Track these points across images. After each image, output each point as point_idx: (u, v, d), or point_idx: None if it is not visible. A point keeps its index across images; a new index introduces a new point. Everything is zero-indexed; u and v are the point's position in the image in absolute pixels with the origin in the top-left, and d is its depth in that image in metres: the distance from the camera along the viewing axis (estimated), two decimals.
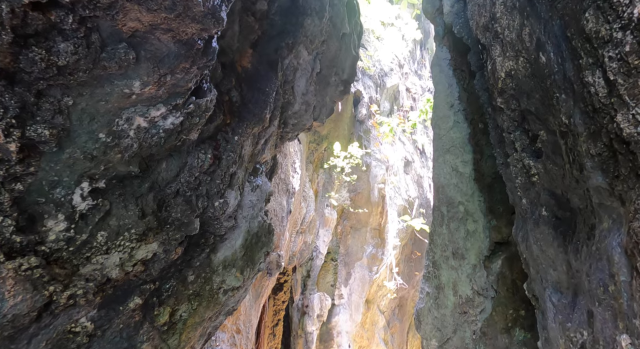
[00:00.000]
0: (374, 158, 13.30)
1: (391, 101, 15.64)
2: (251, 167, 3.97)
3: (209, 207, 3.36)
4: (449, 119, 2.78)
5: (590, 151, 1.14)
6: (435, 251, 2.79)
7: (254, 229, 3.91)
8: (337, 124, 12.58)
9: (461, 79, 2.74)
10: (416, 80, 17.96)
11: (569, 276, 1.46)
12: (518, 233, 1.88)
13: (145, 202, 2.92)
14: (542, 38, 1.27)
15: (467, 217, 2.59)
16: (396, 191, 14.24)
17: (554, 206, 1.54)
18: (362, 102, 13.47)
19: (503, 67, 1.59)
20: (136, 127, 2.59)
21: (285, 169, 8.98)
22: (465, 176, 2.67)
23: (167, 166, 2.98)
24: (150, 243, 2.99)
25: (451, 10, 2.54)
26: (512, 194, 1.93)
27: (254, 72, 3.76)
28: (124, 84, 2.35)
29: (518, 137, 1.69)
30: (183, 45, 2.49)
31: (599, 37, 1.03)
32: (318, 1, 4.40)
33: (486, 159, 2.61)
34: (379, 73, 14.59)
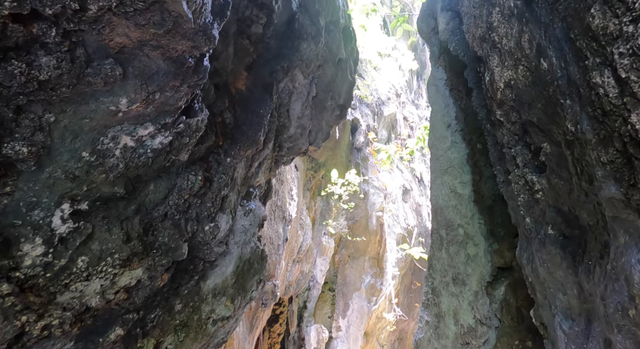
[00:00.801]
0: (371, 186, 13.22)
1: (389, 129, 15.73)
2: (244, 191, 3.86)
3: (198, 231, 3.23)
4: (446, 140, 2.70)
5: (601, 159, 1.04)
6: (434, 276, 2.64)
7: (246, 255, 3.76)
8: (335, 152, 12.57)
9: (458, 99, 2.69)
10: (413, 110, 18.15)
11: (581, 301, 1.33)
12: (522, 255, 1.76)
13: (131, 226, 2.79)
14: (542, 43, 1.21)
15: (467, 241, 2.46)
16: (395, 219, 14.09)
17: (561, 223, 1.42)
18: (359, 130, 13.52)
19: (502, 77, 1.52)
20: (122, 147, 2.50)
21: (281, 195, 8.87)
22: (464, 198, 2.56)
23: (155, 187, 2.87)
24: (135, 269, 2.84)
25: (446, 28, 2.51)
26: (515, 213, 1.82)
27: (249, 94, 3.71)
28: (110, 101, 2.28)
29: (519, 152, 1.60)
30: (173, 62, 2.43)
31: (607, 34, 0.95)
32: (314, 26, 4.41)
33: (485, 180, 2.52)
34: (377, 102, 14.73)
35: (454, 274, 2.47)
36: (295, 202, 9.85)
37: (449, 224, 2.59)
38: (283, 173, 8.88)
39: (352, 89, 5.39)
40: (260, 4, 3.72)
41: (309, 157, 12.27)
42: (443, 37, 2.56)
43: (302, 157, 11.77)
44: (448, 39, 2.49)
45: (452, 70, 2.69)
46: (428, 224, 15.80)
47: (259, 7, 3.72)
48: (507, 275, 2.32)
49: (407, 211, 15.27)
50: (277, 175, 7.94)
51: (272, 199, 7.96)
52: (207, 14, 2.41)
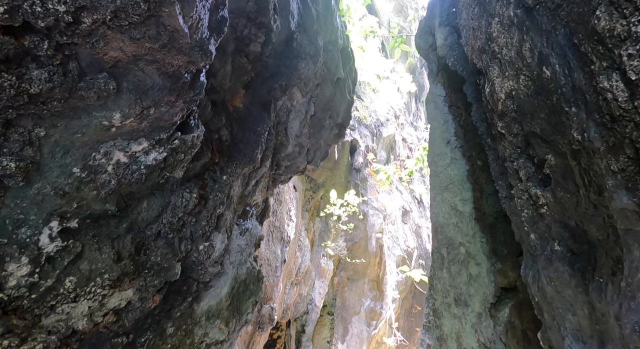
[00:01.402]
0: (371, 207, 13.14)
1: (387, 150, 15.77)
2: (240, 210, 3.79)
3: (192, 250, 3.14)
4: (446, 156, 2.65)
5: (611, 167, 0.98)
6: (435, 297, 2.54)
7: (242, 276, 3.65)
8: (334, 172, 12.55)
9: (457, 115, 2.65)
10: (412, 131, 18.25)
11: (593, 322, 1.25)
12: (527, 273, 1.67)
13: (122, 245, 2.71)
14: (544, 51, 1.17)
15: (468, 260, 2.38)
16: (394, 241, 13.96)
17: (568, 239, 1.35)
18: (358, 150, 13.53)
19: (502, 87, 1.48)
20: (115, 163, 2.44)
21: (280, 216, 8.78)
22: (465, 215, 2.49)
23: (148, 205, 2.80)
24: (125, 290, 2.74)
25: (444, 43, 2.49)
26: (519, 229, 1.75)
27: (246, 112, 3.69)
28: (103, 116, 2.23)
29: (522, 165, 1.54)
30: (169, 77, 2.40)
31: (614, 36, 0.91)
32: (312, 46, 4.43)
33: (487, 197, 2.45)
34: (375, 123, 14.82)
35: (456, 294, 2.38)
36: (293, 223, 9.76)
37: (449, 242, 2.51)
38: (281, 193, 8.83)
39: (350, 108, 5.38)
40: (258, 23, 3.73)
41: (308, 178, 12.24)
42: (441, 53, 2.54)
43: (301, 177, 11.74)
44: (446, 54, 2.47)
45: (450, 87, 2.67)
46: (428, 246, 15.63)
47: (258, 26, 3.73)
48: (512, 296, 2.23)
49: (406, 233, 15.16)
50: (275, 195, 7.88)
51: (270, 220, 7.87)
52: (203, 29, 2.39)
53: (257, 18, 3.70)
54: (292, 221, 9.74)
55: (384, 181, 11.37)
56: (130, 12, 1.95)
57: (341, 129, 5.21)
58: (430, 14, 2.87)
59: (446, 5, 2.49)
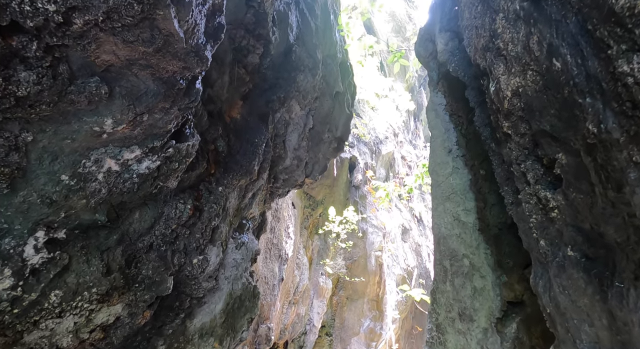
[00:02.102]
0: (370, 224, 13.03)
1: (387, 168, 15.74)
2: (237, 223, 3.69)
3: (186, 264, 3.03)
4: (448, 165, 2.58)
5: (633, 159, 0.91)
6: (438, 311, 2.43)
7: (237, 291, 3.52)
8: (333, 190, 12.47)
9: (458, 124, 2.59)
10: (411, 149, 18.28)
11: (613, 332, 1.15)
12: (538, 283, 1.57)
13: (112, 257, 2.60)
14: (554, 42, 1.11)
15: (473, 272, 2.28)
16: (394, 260, 13.80)
17: (583, 243, 1.27)
18: (357, 167, 13.50)
19: (509, 85, 1.41)
20: (106, 171, 2.36)
21: (278, 233, 8.65)
22: (468, 226, 2.40)
23: (140, 216, 2.71)
24: (114, 305, 2.62)
25: (445, 49, 2.45)
26: (527, 236, 1.66)
27: (243, 123, 3.63)
28: (94, 121, 2.16)
29: (530, 167, 1.46)
30: (163, 83, 2.35)
31: (634, 14, 0.85)
32: (311, 59, 4.41)
33: (490, 207, 2.37)
34: (375, 140, 14.84)
35: (460, 309, 2.26)
36: (292, 241, 9.62)
37: (452, 254, 2.41)
38: (280, 210, 8.73)
39: (349, 123, 5.34)
40: (257, 34, 3.71)
41: (306, 195, 12.16)
42: (442, 58, 2.50)
43: (300, 194, 11.65)
44: (447, 60, 2.43)
45: (451, 95, 2.62)
46: (429, 265, 15.47)
47: (256, 38, 3.71)
48: (519, 310, 2.12)
49: (406, 251, 15.01)
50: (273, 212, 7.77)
51: (268, 237, 7.76)
52: (199, 35, 2.35)
53: (255, 30, 3.67)
54: (291, 239, 9.61)
55: (383, 198, 11.27)
56: (124, 13, 1.90)
57: (340, 143, 5.16)
58: (430, 21, 2.84)
59: (447, 9, 2.46)
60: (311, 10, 4.57)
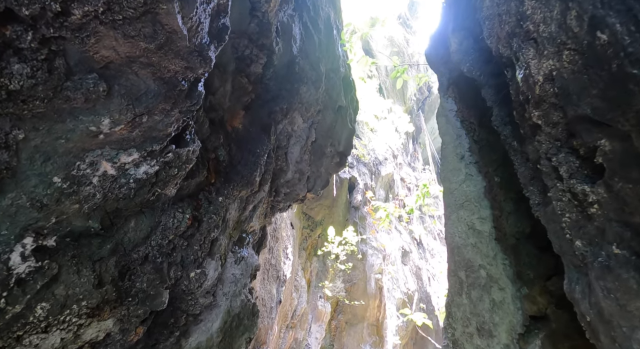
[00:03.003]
0: (370, 246, 12.83)
1: (386, 189, 15.66)
2: (236, 236, 3.53)
3: (182, 278, 2.87)
4: (460, 172, 2.47)
5: None
6: (455, 326, 2.26)
7: (236, 309, 3.34)
8: (332, 210, 12.32)
9: (470, 130, 2.50)
10: (410, 172, 18.26)
11: None
12: (574, 289, 1.43)
13: (105, 268, 2.44)
14: (598, 13, 1.02)
15: (491, 284, 2.13)
16: (394, 283, 13.55)
17: (632, 239, 1.14)
18: (357, 188, 13.39)
19: (540, 69, 1.32)
20: (101, 174, 2.23)
21: (276, 254, 8.45)
22: (484, 235, 2.27)
23: (136, 224, 2.57)
24: (105, 320, 2.45)
25: (459, 48, 2.37)
26: (558, 238, 1.53)
27: (245, 133, 3.53)
28: (90, 121, 2.05)
29: (563, 160, 1.35)
30: (164, 83, 2.25)
31: None
32: (314, 71, 4.36)
33: (507, 216, 2.24)
34: (374, 161, 14.81)
35: (478, 323, 2.10)
36: (290, 262, 9.41)
37: (468, 264, 2.26)
38: (278, 230, 8.56)
39: (352, 138, 5.26)
40: (260, 44, 3.66)
41: (305, 215, 12.01)
42: (456, 58, 2.42)
43: (298, 214, 11.48)
44: (461, 60, 2.35)
45: (462, 101, 2.53)
46: (429, 290, 15.22)
47: (260, 48, 3.66)
48: (542, 326, 1.96)
49: (406, 275, 14.77)
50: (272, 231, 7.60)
51: (266, 257, 7.56)
52: (203, 34, 2.27)
53: (259, 39, 3.62)
54: (289, 259, 9.40)
55: (383, 219, 11.12)
56: (125, 5, 1.82)
57: (342, 158, 5.06)
58: (442, 24, 2.78)
59: (462, 6, 2.39)
60: (314, 24, 4.55)
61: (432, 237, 17.60)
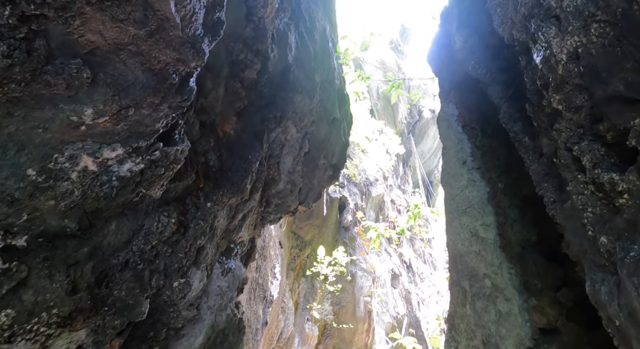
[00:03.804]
0: (359, 268, 12.62)
1: (376, 211, 15.57)
2: (224, 246, 3.36)
3: (165, 287, 2.67)
4: (462, 177, 2.36)
5: None
6: (458, 339, 2.09)
7: (221, 324, 3.13)
8: (322, 230, 12.13)
9: (472, 135, 2.41)
10: (400, 194, 18.23)
11: None
12: (599, 290, 1.30)
13: (80, 273, 2.25)
14: None
15: (496, 294, 1.99)
16: (383, 306, 13.30)
17: None
18: (347, 208, 13.25)
19: (563, 48, 1.23)
20: (81, 169, 2.07)
21: (263, 273, 8.20)
22: (488, 243, 2.15)
23: (117, 227, 2.39)
24: (77, 330, 2.24)
25: (464, 46, 2.30)
26: (578, 237, 1.40)
27: (237, 139, 3.41)
28: (71, 110, 1.91)
29: (586, 149, 1.25)
30: (154, 75, 2.13)
31: None
32: (309, 81, 4.29)
33: (511, 224, 2.13)
34: (365, 182, 14.75)
35: (484, 336, 1.95)
36: (277, 281, 9.16)
37: (472, 273, 2.12)
38: (266, 248, 8.35)
39: (345, 151, 5.17)
40: (255, 50, 3.58)
41: (294, 235, 11.80)
42: (460, 57, 2.35)
43: (287, 233, 11.27)
44: (466, 58, 2.27)
45: (464, 106, 2.45)
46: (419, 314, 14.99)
47: (255, 53, 3.58)
48: (553, 339, 1.82)
49: (396, 298, 14.55)
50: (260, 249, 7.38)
51: (253, 276, 7.32)
52: (197, 26, 2.17)
53: (254, 45, 3.55)
54: (277, 279, 9.15)
55: (374, 239, 10.95)
56: None
57: (335, 171, 4.95)
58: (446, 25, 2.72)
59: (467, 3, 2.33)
60: (310, 35, 4.52)
61: (421, 261, 17.45)
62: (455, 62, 2.40)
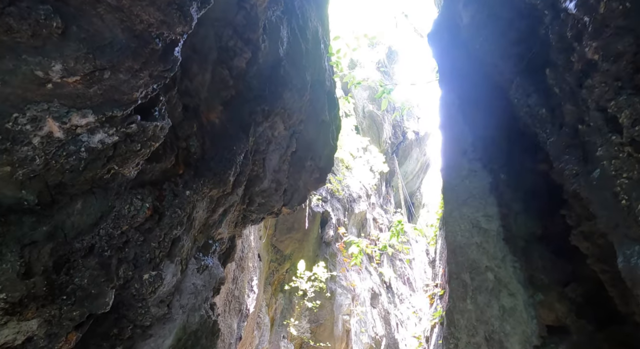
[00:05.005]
0: (339, 285, 12.35)
1: (359, 228, 15.41)
2: (202, 241, 3.11)
3: (134, 279, 2.42)
4: (463, 167, 2.22)
5: None
6: (458, 336, 1.90)
7: (193, 325, 2.86)
8: (302, 244, 11.87)
9: (473, 125, 2.28)
10: (382, 213, 18.14)
11: None
12: (636, 264, 1.14)
13: (37, 255, 1.99)
14: None
15: (499, 288, 1.82)
16: (362, 326, 12.97)
17: None
18: (329, 223, 13.03)
19: None
20: (45, 135, 1.85)
21: (240, 285, 7.85)
22: (491, 234, 1.99)
23: (83, 206, 2.15)
24: (28, 320, 1.97)
25: (471, 22, 2.18)
26: (607, 209, 1.25)
27: (222, 128, 3.21)
28: (37, 63, 1.70)
29: (625, 104, 1.10)
30: (134, 37, 1.94)
31: None
32: (299, 79, 4.15)
33: (515, 216, 1.98)
34: (348, 198, 14.62)
35: (486, 332, 1.76)
36: (254, 295, 8.80)
37: (473, 266, 1.96)
38: (245, 259, 8.04)
39: (333, 155, 5.01)
40: (246, 38, 3.43)
41: (274, 248, 11.50)
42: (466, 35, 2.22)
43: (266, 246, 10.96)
44: (473, 36, 2.15)
45: (465, 94, 2.33)
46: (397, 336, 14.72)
47: (245, 41, 3.42)
48: (562, 339, 1.65)
49: (375, 318, 14.26)
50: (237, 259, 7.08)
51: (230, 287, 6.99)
52: None
53: (245, 33, 3.40)
54: (254, 292, 8.80)
55: (355, 255, 10.72)
56: None
57: (322, 174, 4.78)
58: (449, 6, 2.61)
59: None
60: (302, 32, 4.41)
61: (401, 281, 17.25)
62: (459, 46, 2.30)
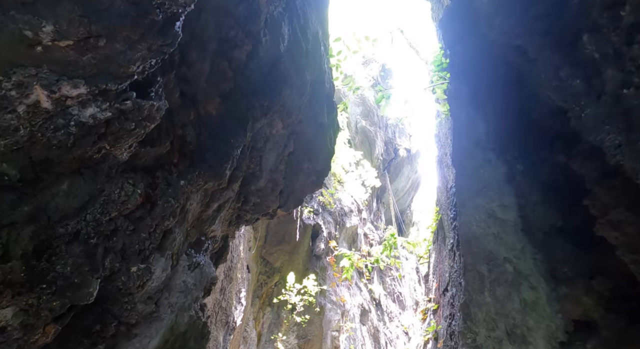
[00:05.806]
0: (329, 300, 12.10)
1: (349, 242, 15.28)
2: (194, 237, 2.94)
3: (120, 271, 2.24)
4: (476, 157, 2.12)
5: None
6: (476, 330, 1.75)
7: (182, 326, 2.67)
8: (293, 257, 11.66)
9: (485, 115, 2.19)
10: (373, 229, 18.06)
11: None
12: None
13: (16, 237, 1.82)
14: None
15: (520, 281, 1.69)
16: (351, 343, 12.68)
17: None
18: (320, 236, 12.86)
19: None
20: (32, 104, 1.70)
21: (228, 296, 7.61)
22: (508, 225, 1.87)
23: (70, 187, 1.99)
24: (2, 308, 1.78)
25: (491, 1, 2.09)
26: None
27: (220, 121, 3.08)
28: (26, 22, 1.57)
29: None
30: (134, 4, 1.82)
31: None
32: (299, 77, 4.06)
33: (533, 207, 1.87)
34: (340, 212, 14.51)
35: (507, 326, 1.63)
36: (242, 307, 8.54)
37: (490, 257, 1.83)
38: (233, 270, 7.81)
39: (330, 158, 4.89)
40: (247, 30, 3.34)
41: (263, 260, 11.26)
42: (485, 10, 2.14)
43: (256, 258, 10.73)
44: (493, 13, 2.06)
45: (478, 84, 2.24)
46: None
47: (246, 33, 3.33)
48: (589, 334, 1.53)
49: (364, 335, 14.00)
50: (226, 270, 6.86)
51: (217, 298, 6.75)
52: None
53: (246, 24, 3.31)
54: (241, 305, 8.54)
55: (347, 268, 10.51)
56: None
57: (319, 178, 4.65)
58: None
59: None
60: (303, 32, 4.34)
61: (391, 299, 17.03)
62: (473, 34, 2.22)
